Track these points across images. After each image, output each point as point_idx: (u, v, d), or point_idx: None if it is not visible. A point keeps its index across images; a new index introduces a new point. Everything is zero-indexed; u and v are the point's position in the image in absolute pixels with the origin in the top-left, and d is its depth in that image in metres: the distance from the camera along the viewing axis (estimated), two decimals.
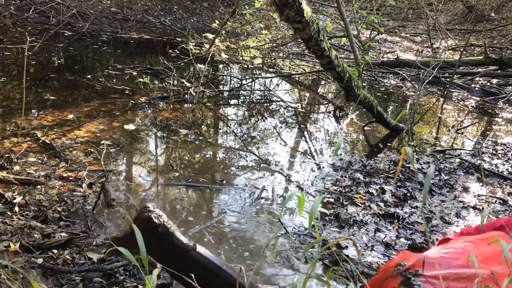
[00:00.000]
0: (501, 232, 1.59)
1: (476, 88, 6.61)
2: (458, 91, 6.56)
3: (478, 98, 6.27)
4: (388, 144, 4.34)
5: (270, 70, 6.69)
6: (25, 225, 2.27)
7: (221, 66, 6.93)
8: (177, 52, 5.92)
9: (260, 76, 6.48)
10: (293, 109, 5.08)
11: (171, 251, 1.55)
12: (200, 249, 1.59)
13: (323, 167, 3.54)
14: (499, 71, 7.08)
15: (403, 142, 4.41)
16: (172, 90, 4.88)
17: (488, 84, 6.92)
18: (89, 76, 5.45)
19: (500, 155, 4.14)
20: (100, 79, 5.24)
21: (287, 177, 3.29)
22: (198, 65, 5.19)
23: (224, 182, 3.13)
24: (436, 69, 6.14)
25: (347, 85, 3.79)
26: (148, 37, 8.42)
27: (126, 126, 3.95)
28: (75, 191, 2.75)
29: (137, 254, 1.11)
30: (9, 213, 2.39)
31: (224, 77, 6.49)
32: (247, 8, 7.07)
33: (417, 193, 3.18)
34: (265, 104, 5.24)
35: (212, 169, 3.36)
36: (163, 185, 3.04)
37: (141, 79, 5.14)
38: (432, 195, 3.20)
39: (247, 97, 5.58)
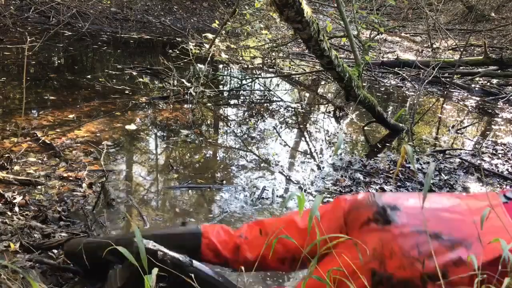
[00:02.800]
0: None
1: (476, 88, 6.61)
2: (458, 91, 6.55)
3: (478, 98, 6.27)
4: (388, 144, 4.34)
5: (270, 70, 6.69)
6: (25, 225, 2.27)
7: (221, 66, 6.93)
8: (177, 52, 5.92)
9: (260, 76, 6.48)
10: (293, 109, 5.08)
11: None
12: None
13: (323, 167, 3.54)
14: (499, 71, 7.07)
15: (403, 142, 4.41)
16: (172, 90, 4.88)
17: (488, 84, 6.92)
18: (89, 76, 5.45)
19: (500, 155, 4.14)
20: (100, 79, 5.24)
21: (287, 177, 3.29)
22: (198, 65, 5.19)
23: (224, 182, 3.13)
24: (436, 69, 6.14)
25: (347, 85, 3.79)
26: (148, 37, 8.42)
27: (127, 126, 3.95)
28: (75, 191, 2.75)
29: None
30: (9, 213, 2.39)
31: (224, 77, 6.49)
32: (247, 8, 7.07)
33: None
34: (265, 104, 5.24)
35: (212, 169, 3.36)
36: (164, 189, 3.04)
37: (141, 79, 5.14)
38: None
39: (247, 97, 5.58)
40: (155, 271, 0.95)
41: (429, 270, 1.28)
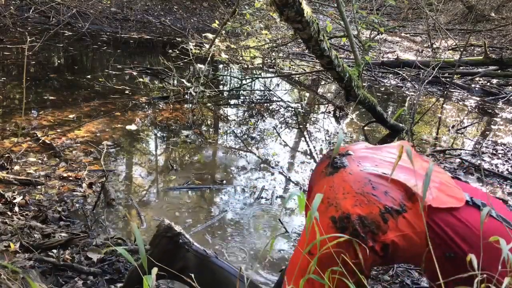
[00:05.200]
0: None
1: (476, 88, 6.61)
2: (458, 91, 6.55)
3: (478, 98, 6.26)
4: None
5: (270, 70, 6.69)
6: (25, 225, 2.27)
7: (221, 66, 6.93)
8: (177, 52, 5.92)
9: (260, 76, 6.48)
10: (293, 109, 5.08)
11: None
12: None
13: None
14: (499, 71, 7.07)
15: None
16: (172, 90, 4.88)
17: (488, 84, 6.92)
18: (89, 76, 5.45)
19: (500, 155, 4.14)
20: (100, 79, 5.24)
21: (287, 177, 3.29)
22: (198, 65, 5.19)
23: (224, 182, 3.13)
24: (436, 69, 6.14)
25: (347, 85, 3.79)
26: (148, 37, 8.42)
27: (127, 127, 3.96)
28: (75, 191, 2.75)
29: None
30: (9, 213, 2.39)
31: (224, 77, 6.49)
32: (247, 8, 7.07)
33: None
34: (265, 104, 5.24)
35: (212, 170, 3.36)
36: (164, 189, 3.04)
37: (141, 79, 5.14)
38: None
39: (247, 97, 5.58)
40: (154, 271, 0.95)
41: (387, 204, 1.25)
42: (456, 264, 1.25)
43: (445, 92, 6.12)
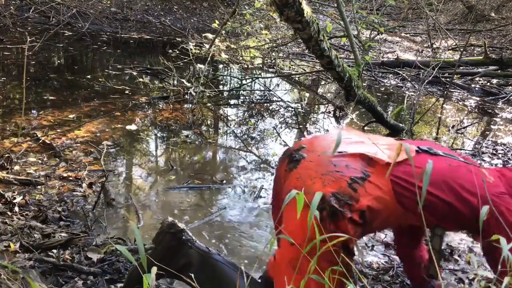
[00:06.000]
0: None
1: (476, 88, 6.61)
2: (458, 91, 6.55)
3: (478, 98, 6.26)
4: None
5: (270, 70, 6.69)
6: (25, 225, 2.27)
7: (221, 66, 6.93)
8: (177, 52, 5.91)
9: (260, 76, 6.48)
10: (293, 109, 5.08)
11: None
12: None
13: None
14: (499, 71, 7.07)
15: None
16: (172, 90, 4.88)
17: (488, 84, 6.92)
18: (89, 76, 5.45)
19: (500, 155, 4.14)
20: (100, 79, 5.24)
21: None
22: (198, 65, 5.18)
23: (224, 182, 3.13)
24: (436, 69, 6.13)
25: (347, 85, 3.79)
26: (148, 37, 8.42)
27: (127, 127, 3.96)
28: (75, 191, 2.75)
29: None
30: (9, 213, 2.39)
31: (224, 77, 6.49)
32: (247, 8, 7.07)
33: None
34: (265, 104, 5.24)
35: (212, 170, 3.36)
36: (164, 189, 3.04)
37: (141, 79, 5.14)
38: None
39: (247, 97, 5.58)
40: (154, 270, 0.95)
41: (352, 175, 1.36)
42: (430, 211, 1.37)
43: (445, 92, 6.12)
